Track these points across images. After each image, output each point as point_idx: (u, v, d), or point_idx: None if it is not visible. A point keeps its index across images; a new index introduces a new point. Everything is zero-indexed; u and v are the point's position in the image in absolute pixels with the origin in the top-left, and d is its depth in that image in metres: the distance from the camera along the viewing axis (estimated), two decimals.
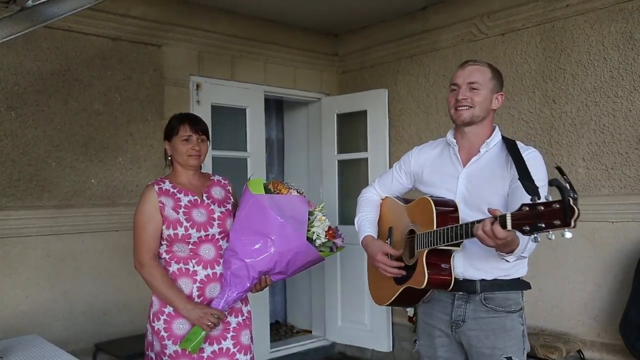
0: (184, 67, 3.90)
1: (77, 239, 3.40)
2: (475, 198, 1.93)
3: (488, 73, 1.98)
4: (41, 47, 3.29)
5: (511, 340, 1.92)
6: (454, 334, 1.99)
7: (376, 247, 2.09)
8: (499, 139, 2.00)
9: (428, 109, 4.13)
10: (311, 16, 4.27)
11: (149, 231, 2.16)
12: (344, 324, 4.60)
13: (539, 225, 1.46)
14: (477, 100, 1.94)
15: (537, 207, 1.47)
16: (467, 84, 1.95)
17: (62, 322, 3.33)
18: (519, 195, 1.76)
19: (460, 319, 1.96)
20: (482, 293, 1.92)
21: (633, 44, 3.11)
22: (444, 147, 2.11)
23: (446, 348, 2.03)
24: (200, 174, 2.35)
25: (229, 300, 2.13)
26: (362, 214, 2.25)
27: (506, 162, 1.93)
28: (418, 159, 2.16)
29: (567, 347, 3.12)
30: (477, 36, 3.81)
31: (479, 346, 1.93)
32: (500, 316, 1.92)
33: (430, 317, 2.06)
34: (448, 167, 2.04)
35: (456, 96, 1.96)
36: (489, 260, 1.89)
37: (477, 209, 1.90)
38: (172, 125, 2.28)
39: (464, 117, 1.95)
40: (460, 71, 1.99)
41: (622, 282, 3.13)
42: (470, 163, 1.98)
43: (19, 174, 3.21)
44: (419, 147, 2.21)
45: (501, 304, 1.93)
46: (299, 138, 5.13)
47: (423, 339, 2.11)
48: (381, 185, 2.28)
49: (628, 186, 3.14)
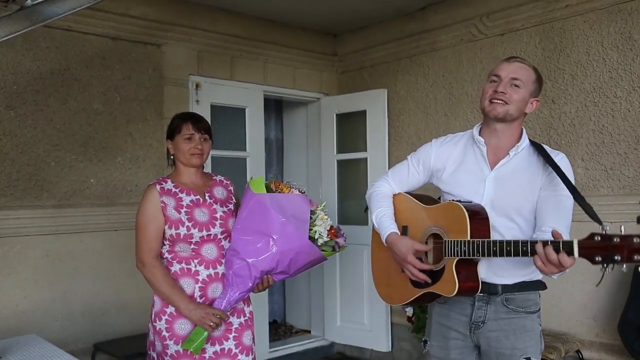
0: (184, 67, 3.90)
1: (76, 238, 3.39)
2: (504, 204, 1.86)
3: (533, 75, 1.90)
4: (40, 46, 3.29)
5: (531, 341, 1.91)
6: (472, 336, 1.95)
7: (406, 245, 1.93)
8: (527, 143, 1.93)
9: (427, 109, 4.13)
10: (311, 16, 4.27)
11: (151, 231, 2.16)
12: (343, 324, 4.61)
13: (615, 257, 1.43)
14: (515, 98, 1.86)
15: (612, 239, 1.45)
16: (510, 79, 1.86)
17: (61, 322, 3.32)
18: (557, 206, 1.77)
19: (480, 320, 1.92)
20: (504, 294, 1.89)
21: (632, 44, 3.12)
22: (468, 144, 2.00)
23: (459, 350, 1.98)
24: (203, 174, 2.34)
25: (231, 301, 2.13)
26: (381, 209, 2.07)
27: (537, 166, 1.88)
28: (440, 154, 2.03)
29: (565, 347, 3.12)
30: (477, 36, 3.82)
31: (499, 347, 1.90)
32: (521, 317, 1.90)
33: (447, 318, 2.00)
34: (473, 167, 1.95)
35: (495, 88, 1.87)
36: (512, 269, 1.87)
37: (506, 215, 1.86)
38: (174, 124, 2.27)
39: (497, 111, 1.86)
40: (505, 64, 1.90)
41: (621, 282, 3.13)
42: (499, 166, 1.90)
43: (18, 173, 3.21)
44: (439, 141, 2.08)
45: (521, 305, 1.91)
46: (299, 138, 5.13)
47: (436, 340, 2.04)
48: (396, 180, 2.14)
49: (627, 186, 3.14)
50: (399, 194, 2.15)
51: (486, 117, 1.93)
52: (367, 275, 4.38)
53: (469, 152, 1.98)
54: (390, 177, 2.16)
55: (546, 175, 1.87)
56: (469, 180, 1.93)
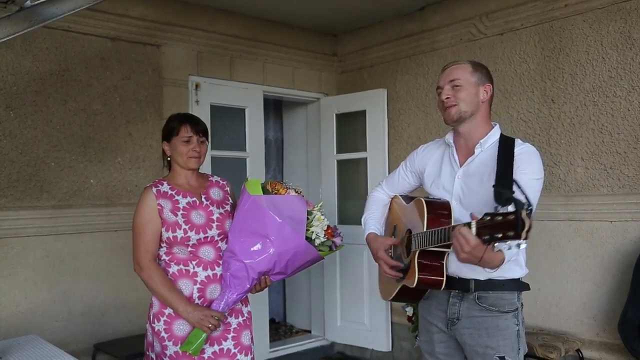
0: (183, 67, 3.90)
1: (75, 239, 3.39)
2: (469, 198, 1.95)
3: (468, 68, 1.99)
4: (40, 47, 3.29)
5: (504, 340, 1.92)
6: (450, 331, 2.01)
7: (378, 243, 2.12)
8: (496, 138, 1.98)
9: (427, 109, 4.13)
10: (310, 16, 4.27)
11: (148, 234, 2.16)
12: (343, 324, 4.61)
13: (495, 235, 1.48)
14: (460, 96, 1.96)
15: (495, 217, 1.49)
16: (449, 82, 1.98)
17: (61, 323, 3.32)
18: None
19: (454, 317, 1.98)
20: (476, 292, 1.93)
21: (631, 43, 3.12)
22: (445, 147, 2.13)
23: (444, 344, 2.06)
24: (199, 175, 2.34)
25: (229, 302, 2.13)
26: (368, 213, 2.28)
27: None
28: (422, 157, 2.19)
29: (565, 347, 3.12)
30: (476, 36, 3.82)
31: (473, 344, 1.95)
32: (494, 315, 1.93)
33: (429, 313, 2.09)
34: (447, 167, 2.07)
35: (441, 97, 2.01)
36: None
37: (473, 209, 1.88)
38: (171, 125, 2.26)
39: (451, 115, 1.97)
40: (441, 74, 2.04)
41: (621, 281, 3.13)
42: (466, 163, 2.00)
43: (17, 174, 3.21)
44: (425, 146, 2.23)
45: (495, 304, 1.93)
46: (298, 138, 5.13)
47: (423, 335, 2.14)
48: (388, 184, 2.32)
49: (627, 186, 3.14)
50: (396, 196, 2.29)
51: (447, 124, 2.04)
52: (367, 275, 4.38)
53: (445, 153, 2.11)
54: (384, 182, 2.35)
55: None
56: (443, 180, 2.06)
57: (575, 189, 3.30)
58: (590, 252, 3.27)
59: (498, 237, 1.48)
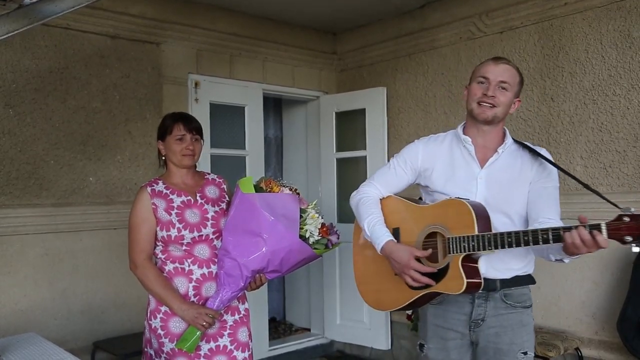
0: (183, 65, 3.89)
1: (75, 237, 3.40)
2: (497, 200, 1.89)
3: (517, 77, 1.94)
4: (39, 45, 3.29)
5: (527, 335, 1.95)
6: (472, 334, 1.96)
7: (406, 252, 1.90)
8: (511, 140, 1.98)
9: (427, 107, 4.13)
10: (310, 15, 4.27)
11: (142, 233, 2.17)
12: (342, 322, 4.61)
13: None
14: (502, 101, 1.89)
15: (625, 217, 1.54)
16: (499, 82, 1.89)
17: (60, 321, 3.32)
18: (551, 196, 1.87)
19: (480, 318, 1.93)
20: (502, 290, 1.91)
21: (631, 42, 3.12)
22: (453, 143, 2.02)
23: (458, 350, 1.99)
24: (195, 173, 2.34)
25: (223, 300, 2.13)
26: (372, 217, 2.06)
27: (526, 161, 1.93)
28: (427, 154, 2.03)
29: (565, 345, 3.12)
30: (476, 34, 3.81)
31: (498, 342, 1.92)
32: (518, 312, 1.94)
33: (443, 319, 1.99)
34: (462, 166, 1.96)
35: (484, 90, 1.89)
36: (508, 261, 1.90)
37: (500, 211, 1.88)
38: (165, 124, 2.27)
39: (487, 114, 1.89)
40: (492, 66, 1.91)
41: (620, 280, 3.14)
42: (489, 164, 1.93)
43: (17, 172, 3.21)
44: (424, 141, 2.07)
45: (518, 300, 1.94)
46: (298, 136, 5.12)
47: (434, 343, 2.01)
48: (383, 183, 2.12)
49: (626, 184, 3.14)
50: (388, 196, 2.13)
51: (473, 118, 1.95)
52: None
53: (455, 151, 2.00)
54: (377, 181, 2.14)
55: (535, 168, 1.92)
56: (461, 179, 1.95)
57: (575, 188, 3.29)
58: None
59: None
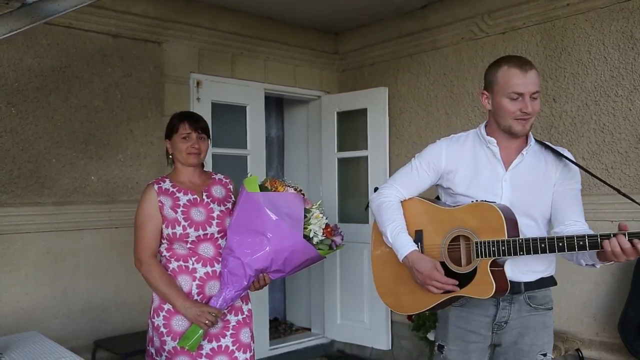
0: (184, 65, 3.90)
1: (76, 235, 3.40)
2: (523, 203, 1.87)
3: (539, 77, 1.89)
4: (41, 43, 3.29)
5: (547, 337, 1.96)
6: (494, 336, 1.96)
7: (429, 264, 1.88)
8: (534, 141, 1.96)
9: (428, 107, 4.13)
10: (311, 15, 4.27)
11: (148, 230, 2.19)
12: (343, 322, 4.61)
13: None
14: (536, 109, 1.86)
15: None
16: (531, 94, 1.82)
17: (61, 319, 3.33)
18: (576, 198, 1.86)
19: (504, 321, 1.93)
20: (526, 292, 1.91)
21: (633, 43, 3.11)
22: (476, 144, 1.97)
23: (478, 353, 1.98)
24: (202, 172, 2.36)
25: (226, 299, 2.13)
26: (395, 223, 1.99)
27: (550, 163, 1.92)
28: (451, 155, 1.97)
29: (565, 346, 3.12)
30: (478, 35, 3.81)
31: (519, 343, 1.93)
32: (540, 314, 1.94)
33: (466, 321, 1.97)
34: (486, 168, 1.92)
35: (521, 107, 1.82)
36: (535, 266, 1.91)
37: (525, 213, 1.87)
38: (172, 123, 2.30)
39: (527, 129, 1.86)
40: (522, 77, 1.81)
41: (621, 281, 3.13)
42: (513, 166, 1.91)
43: (18, 170, 3.21)
44: (446, 142, 2.02)
45: (541, 302, 1.95)
46: (299, 136, 5.13)
47: (455, 345, 2.00)
48: (405, 186, 2.05)
49: (627, 185, 3.14)
50: (412, 198, 2.07)
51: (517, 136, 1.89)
52: (367, 274, 4.38)
53: (479, 152, 1.95)
54: (399, 183, 2.07)
55: (560, 169, 1.91)
56: (486, 182, 1.91)
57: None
58: None
59: None
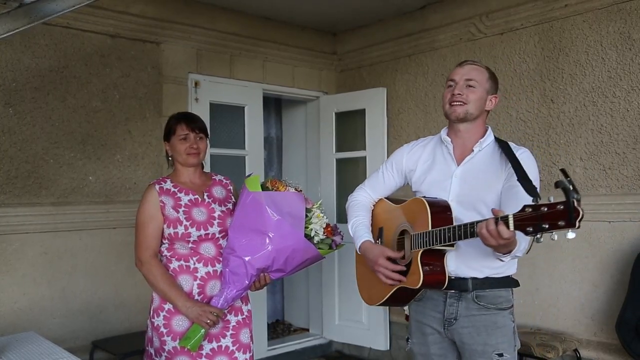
0: (183, 65, 3.89)
1: (74, 236, 3.39)
2: (470, 197, 1.94)
3: (485, 74, 2.02)
4: (39, 43, 3.29)
5: (503, 337, 1.95)
6: (446, 332, 2.01)
7: (377, 251, 2.03)
8: (492, 139, 2.02)
9: (426, 108, 4.13)
10: (310, 15, 4.27)
11: (149, 230, 2.19)
12: (341, 323, 4.61)
13: (542, 226, 1.48)
14: (471, 98, 1.97)
15: (540, 208, 1.49)
16: (465, 80, 1.98)
17: (59, 320, 3.32)
18: (515, 195, 1.78)
19: (452, 317, 1.98)
20: (474, 291, 1.94)
21: (631, 44, 3.12)
22: (437, 145, 2.11)
23: (439, 345, 2.05)
24: (202, 173, 2.37)
25: (228, 298, 2.14)
26: (357, 219, 2.19)
27: (500, 161, 1.95)
28: (411, 157, 2.16)
29: (563, 346, 3.12)
30: (476, 35, 3.82)
31: (471, 343, 1.95)
32: (492, 313, 1.95)
33: (423, 315, 2.07)
34: (441, 165, 2.05)
35: (452, 91, 2.00)
36: (481, 259, 1.92)
37: (473, 208, 1.93)
38: (169, 125, 2.31)
39: (457, 112, 1.97)
40: (458, 69, 2.03)
41: (619, 281, 3.14)
42: (465, 162, 2.00)
43: (16, 170, 3.20)
44: (410, 145, 2.21)
45: (492, 302, 1.95)
46: (298, 136, 5.13)
47: (416, 337, 2.12)
48: (372, 188, 2.26)
49: (625, 186, 3.15)
50: (380, 199, 2.25)
51: (449, 119, 2.04)
52: None
53: (437, 152, 2.09)
54: (367, 185, 2.28)
55: (507, 169, 1.93)
56: (437, 178, 2.03)
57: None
58: (588, 252, 3.27)
59: (545, 228, 1.48)
